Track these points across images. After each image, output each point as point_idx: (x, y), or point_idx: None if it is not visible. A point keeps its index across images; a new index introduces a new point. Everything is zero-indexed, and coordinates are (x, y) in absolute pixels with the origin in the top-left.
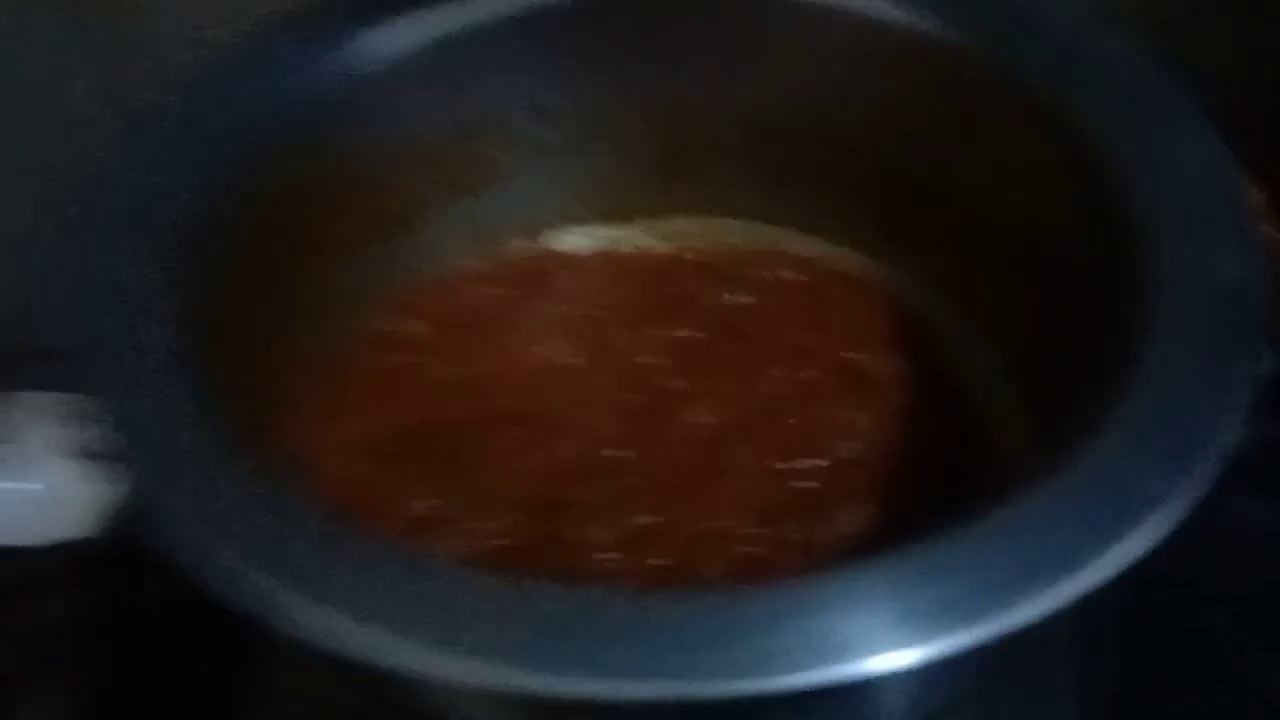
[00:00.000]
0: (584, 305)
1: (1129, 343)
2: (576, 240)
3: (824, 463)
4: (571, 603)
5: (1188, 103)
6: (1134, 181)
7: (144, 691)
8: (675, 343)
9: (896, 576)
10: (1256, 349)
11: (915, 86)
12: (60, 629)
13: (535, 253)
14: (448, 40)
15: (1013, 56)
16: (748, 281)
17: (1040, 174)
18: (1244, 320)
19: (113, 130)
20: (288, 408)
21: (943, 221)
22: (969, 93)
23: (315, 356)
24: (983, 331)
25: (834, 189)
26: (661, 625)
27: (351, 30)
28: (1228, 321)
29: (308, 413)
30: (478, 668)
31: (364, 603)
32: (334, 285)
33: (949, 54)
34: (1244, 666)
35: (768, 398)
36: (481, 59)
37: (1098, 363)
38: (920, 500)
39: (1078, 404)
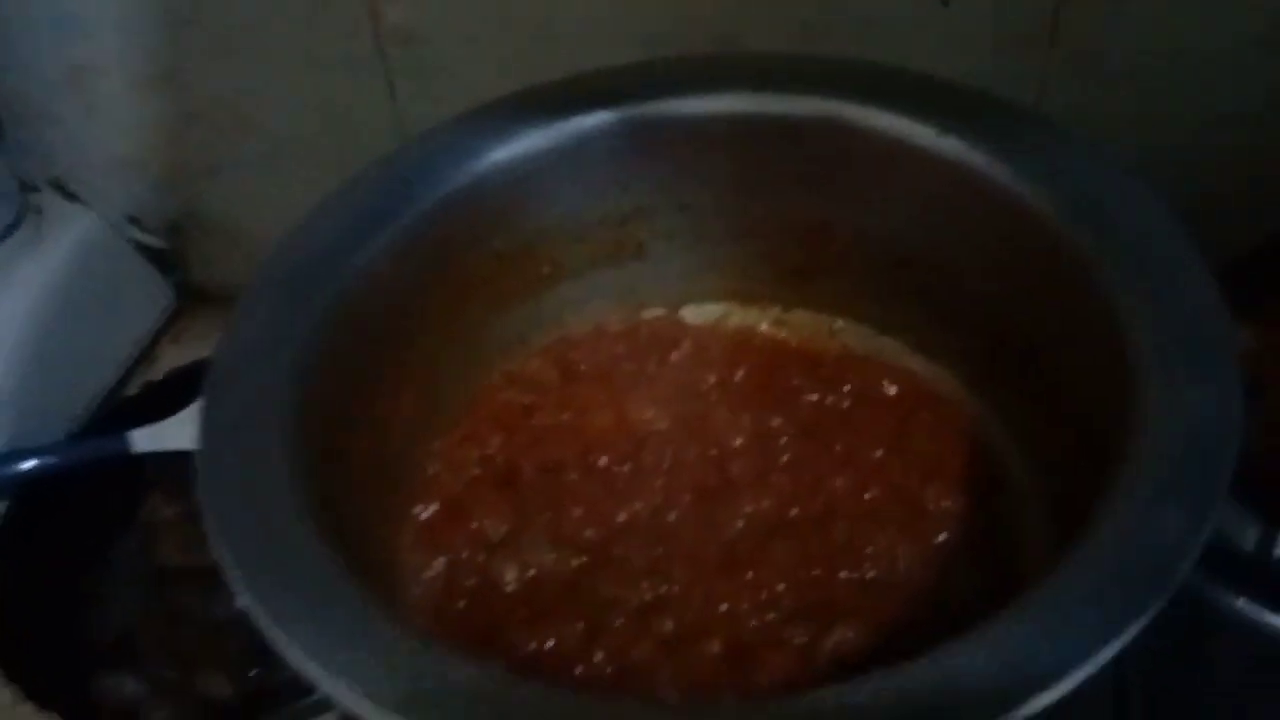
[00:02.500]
0: (696, 378)
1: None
2: (706, 314)
3: (852, 577)
4: None
5: (1194, 256)
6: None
7: None
8: (764, 432)
9: None
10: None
11: (1023, 251)
12: None
13: (667, 321)
14: (609, 138)
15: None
16: (847, 385)
17: (1091, 339)
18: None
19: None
20: (428, 428)
21: (1030, 368)
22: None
23: (459, 387)
24: (1046, 486)
25: (944, 317)
26: None
27: (539, 120)
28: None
29: (440, 431)
30: None
31: None
32: (485, 329)
33: (1045, 224)
34: None
35: (825, 505)
36: (635, 161)
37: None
38: (928, 632)
39: None
